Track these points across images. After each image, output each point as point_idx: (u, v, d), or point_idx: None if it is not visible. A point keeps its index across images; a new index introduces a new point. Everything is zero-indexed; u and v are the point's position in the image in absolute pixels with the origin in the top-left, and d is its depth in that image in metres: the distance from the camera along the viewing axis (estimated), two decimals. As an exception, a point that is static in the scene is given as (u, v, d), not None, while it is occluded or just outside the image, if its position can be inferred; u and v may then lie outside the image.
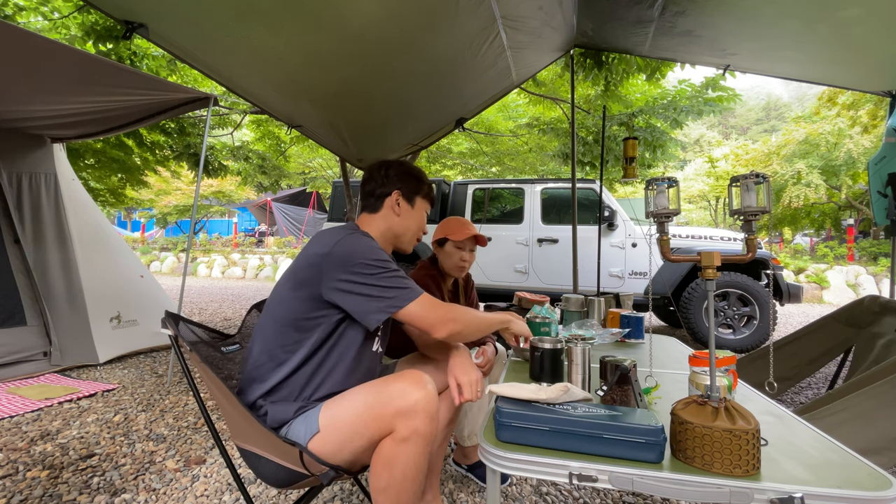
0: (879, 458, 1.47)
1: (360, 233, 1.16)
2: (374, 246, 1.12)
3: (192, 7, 1.74)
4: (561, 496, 1.65)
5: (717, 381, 0.87)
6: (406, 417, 0.95)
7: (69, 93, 2.57)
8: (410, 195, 1.27)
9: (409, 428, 0.95)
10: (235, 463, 1.78)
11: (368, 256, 1.07)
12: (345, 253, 1.07)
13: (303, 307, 1.09)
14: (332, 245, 1.08)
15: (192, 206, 3.58)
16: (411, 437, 0.95)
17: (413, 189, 1.27)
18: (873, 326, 2.39)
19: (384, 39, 2.15)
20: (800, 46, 2.65)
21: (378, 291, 1.06)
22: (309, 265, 1.09)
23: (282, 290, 1.13)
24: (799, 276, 9.43)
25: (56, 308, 3.21)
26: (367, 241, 1.12)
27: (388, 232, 1.26)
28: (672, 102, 4.59)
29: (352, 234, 1.12)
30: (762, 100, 47.15)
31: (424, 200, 1.31)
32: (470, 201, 5.19)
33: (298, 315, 1.09)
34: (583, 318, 2.05)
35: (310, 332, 1.09)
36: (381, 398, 0.98)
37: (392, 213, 1.25)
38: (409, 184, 1.27)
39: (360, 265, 1.06)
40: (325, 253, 1.07)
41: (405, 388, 0.98)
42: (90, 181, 5.78)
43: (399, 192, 1.25)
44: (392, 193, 1.25)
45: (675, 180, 1.07)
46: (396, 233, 1.26)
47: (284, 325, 1.10)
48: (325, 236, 1.11)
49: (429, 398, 0.97)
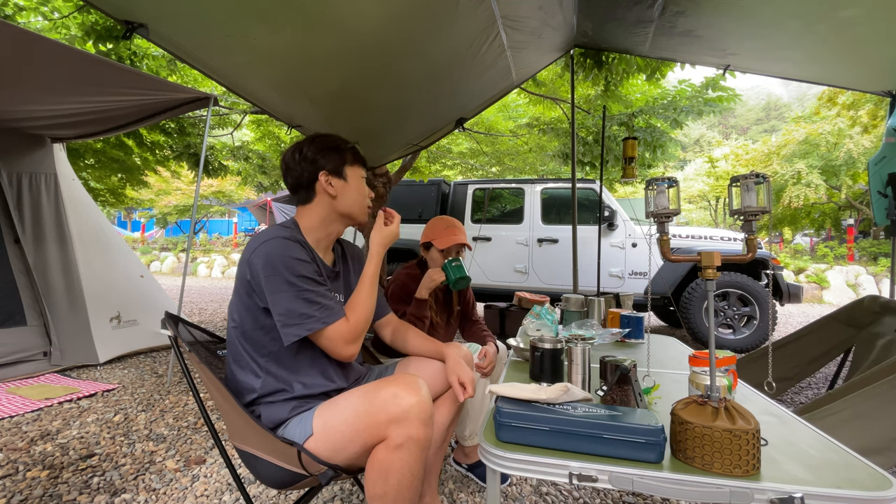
0: (879, 458, 1.47)
1: (281, 237, 1.07)
2: (296, 254, 1.05)
3: (192, 7, 1.74)
4: (561, 496, 1.65)
5: (717, 381, 0.87)
6: (399, 424, 0.93)
7: (69, 93, 2.57)
8: (338, 169, 1.17)
9: (403, 435, 0.93)
10: (235, 463, 1.78)
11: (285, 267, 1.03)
12: (264, 261, 1.03)
13: (248, 312, 1.08)
14: (250, 253, 1.05)
15: (192, 206, 3.58)
16: (405, 444, 0.94)
17: (338, 161, 1.17)
18: (873, 326, 2.39)
19: (384, 40, 2.14)
20: (800, 46, 2.65)
21: (293, 309, 1.02)
22: (241, 270, 1.09)
23: (233, 297, 1.13)
24: (799, 276, 9.43)
25: (56, 308, 3.21)
26: (289, 247, 1.05)
27: (331, 216, 1.18)
28: (672, 102, 4.58)
29: (269, 241, 1.05)
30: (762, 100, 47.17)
31: (355, 166, 1.20)
32: (470, 201, 5.19)
33: (247, 320, 1.09)
34: (583, 318, 2.05)
35: (268, 333, 1.09)
36: (374, 405, 0.96)
37: (328, 197, 1.16)
38: (332, 158, 1.17)
39: (277, 276, 1.02)
40: (245, 259, 1.06)
41: (397, 394, 0.96)
42: (90, 181, 5.77)
43: (325, 171, 1.15)
44: (319, 177, 1.15)
45: (675, 180, 1.07)
46: (342, 212, 1.18)
47: (244, 330, 1.10)
48: (252, 241, 1.09)
49: (422, 403, 0.96)
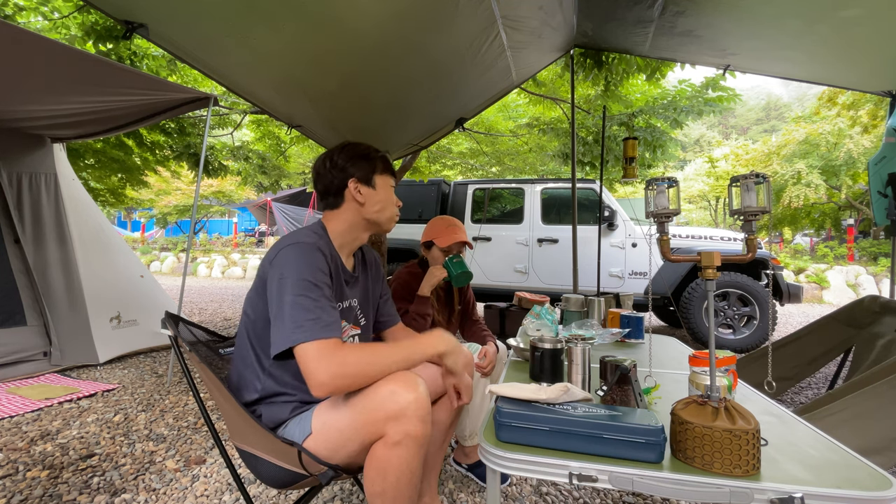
0: (879, 458, 1.47)
1: (304, 244, 1.05)
2: (312, 263, 1.03)
3: (192, 7, 1.74)
4: (561, 496, 1.65)
5: (717, 381, 0.87)
6: (397, 421, 0.93)
7: (69, 93, 2.57)
8: (367, 177, 1.18)
9: (401, 432, 0.93)
10: (235, 463, 1.78)
11: (296, 275, 1.00)
12: (280, 265, 1.02)
13: (262, 310, 1.07)
14: (275, 254, 1.05)
15: (192, 206, 3.58)
16: (403, 441, 0.93)
17: (368, 170, 1.19)
18: (873, 326, 2.39)
19: (384, 40, 2.14)
20: (800, 46, 2.65)
21: (288, 317, 0.96)
22: (262, 270, 1.09)
23: (251, 292, 1.12)
24: (799, 276, 9.43)
25: (56, 308, 3.21)
26: (308, 255, 1.03)
27: (359, 223, 1.20)
28: (672, 102, 4.58)
29: (293, 246, 1.05)
30: (762, 100, 47.18)
31: (384, 175, 1.22)
32: (470, 201, 5.19)
33: (260, 317, 1.08)
34: (583, 318, 2.05)
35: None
36: (372, 402, 0.96)
37: (356, 204, 1.18)
38: (362, 166, 1.18)
39: (286, 281, 1.00)
40: (269, 259, 1.06)
41: (395, 391, 0.95)
42: (90, 181, 5.77)
43: (355, 179, 1.17)
44: (348, 184, 1.17)
45: (675, 180, 1.07)
46: (370, 220, 1.20)
47: (255, 327, 1.10)
48: (277, 242, 1.09)
49: (420, 400, 0.95)
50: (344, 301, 1.19)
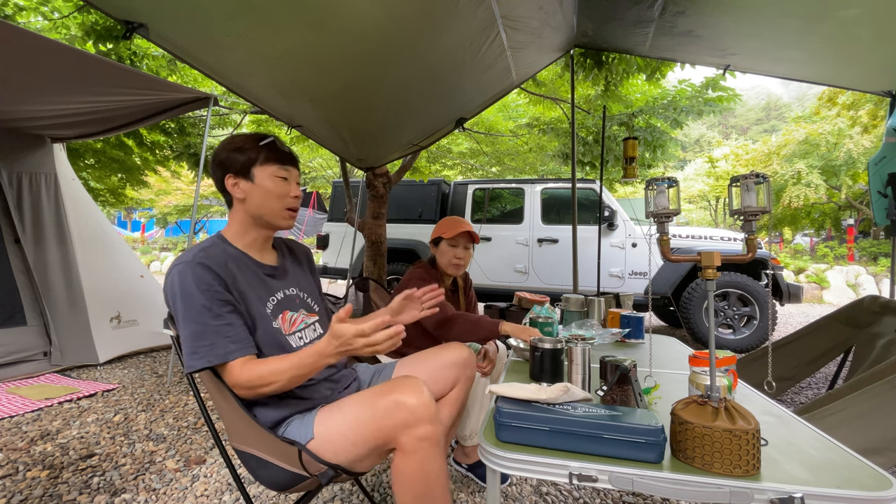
0: (879, 458, 1.47)
1: (183, 264, 1.01)
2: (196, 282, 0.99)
3: (192, 7, 1.74)
4: (561, 496, 1.65)
5: (717, 381, 0.87)
6: (407, 429, 0.94)
7: (69, 93, 2.57)
8: (245, 171, 1.11)
9: (414, 439, 0.94)
10: (235, 463, 1.78)
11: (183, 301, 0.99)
12: (168, 293, 1.01)
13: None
14: (166, 282, 1.02)
15: (192, 206, 3.57)
16: (419, 448, 0.94)
17: (241, 163, 1.11)
18: (873, 326, 2.39)
19: (384, 40, 2.14)
20: (800, 46, 2.65)
21: (186, 343, 0.98)
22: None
23: None
24: (799, 276, 9.43)
25: (56, 308, 3.21)
26: (190, 275, 1.00)
27: (247, 219, 1.13)
28: (672, 102, 4.58)
29: (174, 269, 1.01)
30: (762, 100, 47.18)
31: (266, 165, 1.12)
32: (470, 201, 5.20)
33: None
34: (583, 318, 2.05)
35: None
36: (378, 412, 0.96)
37: (239, 201, 1.12)
38: (235, 160, 1.11)
39: (177, 309, 1.00)
40: (163, 288, 1.04)
41: (399, 400, 0.96)
42: (90, 181, 5.77)
43: (231, 175, 1.11)
44: (226, 181, 1.11)
45: (675, 180, 1.07)
46: (255, 214, 1.12)
47: None
48: (169, 267, 1.05)
49: (425, 404, 0.96)
50: (276, 293, 1.14)
